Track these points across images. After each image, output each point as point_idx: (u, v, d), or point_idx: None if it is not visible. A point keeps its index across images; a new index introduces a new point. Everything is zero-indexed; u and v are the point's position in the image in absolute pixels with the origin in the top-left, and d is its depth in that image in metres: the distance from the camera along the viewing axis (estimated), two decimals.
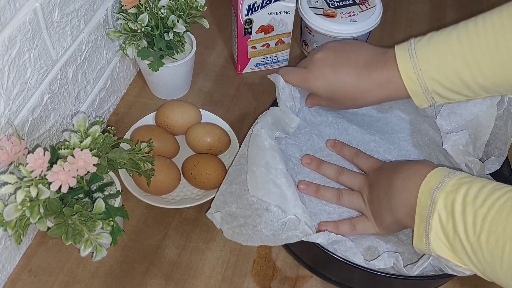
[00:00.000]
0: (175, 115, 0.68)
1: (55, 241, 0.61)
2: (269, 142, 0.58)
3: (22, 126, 0.54)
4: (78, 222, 0.50)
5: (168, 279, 0.60)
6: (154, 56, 0.67)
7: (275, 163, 0.57)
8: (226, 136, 0.68)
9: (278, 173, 0.56)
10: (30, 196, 0.46)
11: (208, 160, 0.65)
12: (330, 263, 0.56)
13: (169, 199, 0.65)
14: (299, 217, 0.54)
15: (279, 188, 0.55)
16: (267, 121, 0.60)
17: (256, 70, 0.83)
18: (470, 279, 0.52)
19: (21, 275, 0.59)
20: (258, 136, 0.58)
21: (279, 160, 0.57)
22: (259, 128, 0.59)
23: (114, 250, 0.61)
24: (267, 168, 0.56)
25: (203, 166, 0.64)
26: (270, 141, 0.58)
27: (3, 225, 0.47)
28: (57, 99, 0.60)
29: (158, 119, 0.69)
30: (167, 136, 0.68)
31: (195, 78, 0.80)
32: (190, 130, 0.68)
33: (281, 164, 0.57)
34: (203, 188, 0.65)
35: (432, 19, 0.95)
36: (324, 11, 0.77)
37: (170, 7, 0.67)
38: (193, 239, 0.63)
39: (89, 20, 0.62)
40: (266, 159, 0.57)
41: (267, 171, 0.56)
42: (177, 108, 0.69)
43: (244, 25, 0.74)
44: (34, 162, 0.46)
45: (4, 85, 0.49)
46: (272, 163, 0.57)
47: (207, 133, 0.67)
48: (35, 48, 0.52)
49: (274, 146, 0.58)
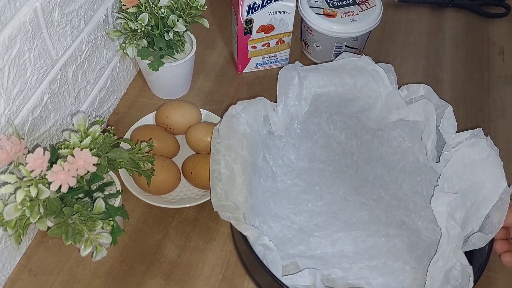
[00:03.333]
0: (175, 114, 0.68)
1: (55, 241, 0.61)
2: (243, 128, 0.56)
3: (22, 126, 0.54)
4: (78, 222, 0.50)
5: (168, 279, 0.60)
6: (154, 56, 0.67)
7: (238, 148, 0.55)
8: None
9: (237, 158, 0.54)
10: (30, 196, 0.46)
11: (208, 160, 0.65)
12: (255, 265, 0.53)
13: (169, 199, 0.65)
14: (237, 204, 0.52)
15: (231, 171, 0.54)
16: (256, 109, 0.58)
17: (257, 70, 0.83)
18: None
19: (21, 274, 0.59)
20: (234, 118, 0.57)
21: (245, 147, 0.55)
22: (239, 111, 0.57)
23: (114, 250, 0.61)
24: (227, 150, 0.55)
25: (203, 165, 0.64)
26: (245, 127, 0.56)
27: (3, 225, 0.47)
28: (57, 98, 0.60)
29: (158, 118, 0.69)
30: (167, 135, 0.68)
31: (195, 78, 0.80)
32: (190, 129, 0.68)
33: (245, 151, 0.55)
34: (203, 188, 0.65)
35: (432, 19, 0.95)
36: (324, 11, 0.77)
37: (170, 6, 0.67)
38: (193, 239, 0.63)
39: (89, 20, 0.62)
40: (231, 141, 0.55)
41: (226, 153, 0.54)
42: (177, 108, 0.69)
43: (245, 24, 0.74)
44: (34, 162, 0.45)
45: (4, 85, 0.49)
46: (236, 147, 0.55)
47: (207, 133, 0.67)
48: (35, 47, 0.52)
49: (248, 133, 0.56)
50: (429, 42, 0.90)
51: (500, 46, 0.90)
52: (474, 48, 0.90)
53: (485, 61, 0.88)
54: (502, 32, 0.93)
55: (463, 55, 0.88)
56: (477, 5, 0.95)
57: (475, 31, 0.93)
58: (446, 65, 0.86)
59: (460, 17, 0.95)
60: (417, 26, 0.93)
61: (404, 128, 0.64)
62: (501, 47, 0.90)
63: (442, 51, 0.89)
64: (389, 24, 0.92)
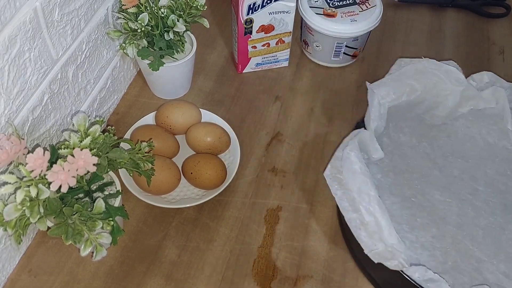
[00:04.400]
0: (175, 114, 0.68)
1: (55, 241, 0.61)
2: (359, 166, 0.56)
3: (22, 126, 0.54)
4: (78, 222, 0.50)
5: (168, 279, 0.60)
6: (154, 56, 0.67)
7: (367, 189, 0.55)
8: (227, 136, 0.68)
9: (371, 199, 0.54)
10: (30, 196, 0.46)
11: (208, 160, 0.65)
12: None
13: (169, 199, 0.65)
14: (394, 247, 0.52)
15: (373, 216, 0.53)
16: (355, 144, 0.58)
17: (257, 70, 0.83)
18: None
19: (21, 275, 0.59)
20: (348, 160, 0.56)
21: (371, 186, 0.55)
22: (348, 151, 0.57)
23: (114, 250, 0.61)
24: (360, 194, 0.54)
25: (204, 166, 0.64)
26: (360, 165, 0.56)
27: (3, 225, 0.47)
28: (57, 98, 0.60)
29: (158, 119, 0.69)
30: (167, 136, 0.68)
31: (195, 78, 0.80)
32: (190, 129, 0.68)
33: (373, 191, 0.55)
34: (204, 188, 0.65)
35: (433, 19, 0.95)
36: (324, 11, 0.77)
37: (170, 6, 0.67)
38: (193, 239, 0.63)
39: (90, 20, 0.62)
40: (358, 185, 0.55)
41: (360, 198, 0.54)
42: (177, 108, 0.69)
43: (245, 24, 0.74)
44: (33, 162, 0.45)
45: (4, 85, 0.49)
46: (364, 188, 0.54)
47: (208, 133, 0.67)
48: (35, 47, 0.52)
49: (365, 170, 0.56)
50: (429, 42, 0.90)
51: (501, 46, 0.90)
52: (474, 48, 0.90)
53: (485, 61, 0.88)
54: (502, 32, 0.93)
55: (463, 55, 0.88)
56: (478, 5, 0.95)
57: (475, 31, 0.93)
58: None
59: (460, 17, 0.95)
60: (417, 26, 0.93)
61: (465, 116, 0.68)
62: (501, 47, 0.90)
63: (442, 51, 0.89)
64: (389, 24, 0.92)
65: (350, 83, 0.82)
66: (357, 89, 0.81)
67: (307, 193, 0.68)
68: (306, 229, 0.64)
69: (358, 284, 0.60)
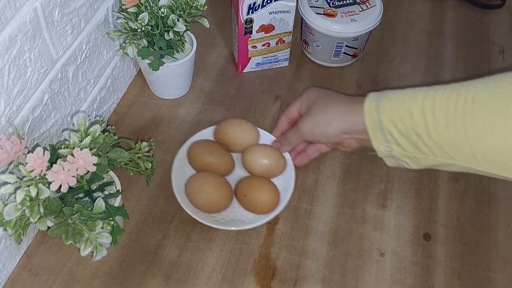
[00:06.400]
0: (235, 133, 0.67)
1: (55, 241, 0.61)
2: None
3: (22, 126, 0.54)
4: (78, 222, 0.50)
5: (168, 279, 0.60)
6: (155, 56, 0.67)
7: None
8: (283, 159, 0.66)
9: None
10: (30, 195, 0.46)
11: (264, 184, 0.63)
12: None
13: (218, 218, 0.63)
14: None
15: None
16: None
17: (257, 70, 0.83)
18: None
19: (21, 274, 0.59)
20: None
21: None
22: None
23: (114, 250, 0.61)
24: None
25: (259, 189, 0.62)
26: None
27: (3, 224, 0.47)
28: (58, 98, 0.60)
29: (216, 134, 0.68)
30: (224, 153, 0.66)
31: (195, 78, 0.80)
32: (247, 150, 0.66)
33: None
34: (255, 212, 0.63)
35: (432, 19, 0.95)
36: (324, 11, 0.77)
37: (170, 6, 0.67)
38: (193, 239, 0.63)
39: (90, 20, 0.62)
40: None
41: None
42: (237, 127, 0.67)
43: (245, 24, 0.74)
44: (34, 162, 0.46)
45: (5, 85, 0.49)
46: None
47: (265, 155, 0.65)
48: (35, 47, 0.52)
49: None
50: (429, 42, 0.90)
51: (501, 46, 0.90)
52: (475, 48, 0.90)
53: (486, 60, 0.88)
54: (502, 32, 0.93)
55: (464, 55, 0.88)
56: None
57: (475, 31, 0.93)
58: (447, 64, 0.86)
59: (460, 16, 0.95)
60: (417, 26, 0.93)
61: None
62: (501, 46, 0.90)
63: (443, 51, 0.89)
64: (389, 23, 0.92)
65: (350, 83, 0.82)
66: (357, 89, 0.81)
67: (307, 193, 0.68)
68: (306, 229, 0.64)
69: (358, 284, 0.60)
